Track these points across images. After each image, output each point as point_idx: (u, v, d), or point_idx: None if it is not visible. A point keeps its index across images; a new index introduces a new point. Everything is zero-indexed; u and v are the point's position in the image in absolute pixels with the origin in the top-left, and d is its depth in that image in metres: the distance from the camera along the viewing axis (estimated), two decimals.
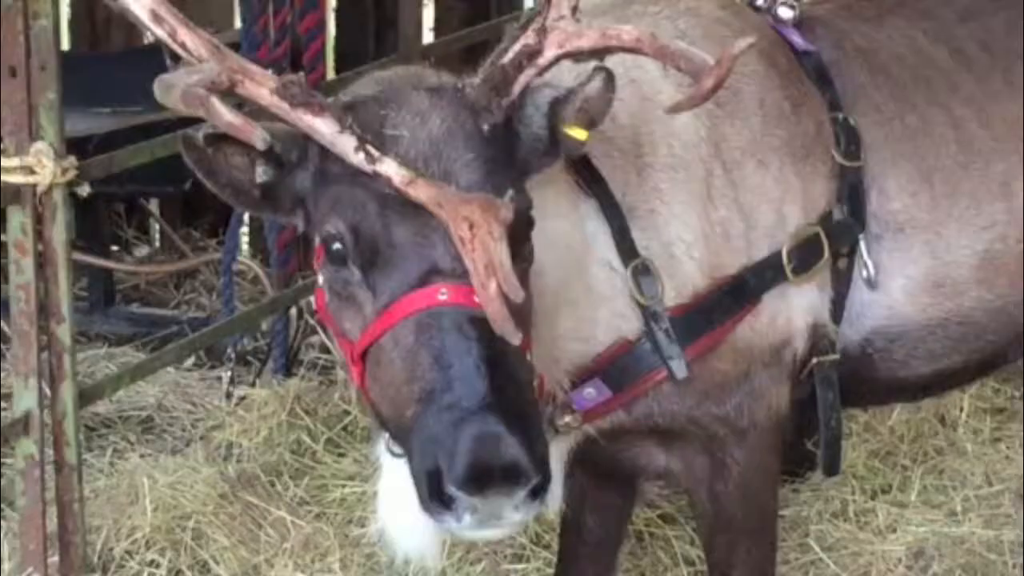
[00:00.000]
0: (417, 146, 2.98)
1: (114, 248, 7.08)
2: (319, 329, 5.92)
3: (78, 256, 5.54)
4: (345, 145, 2.95)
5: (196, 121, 2.96)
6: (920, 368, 3.78)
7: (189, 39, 3.03)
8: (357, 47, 6.95)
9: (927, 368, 3.79)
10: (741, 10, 3.77)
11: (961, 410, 5.65)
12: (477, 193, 2.90)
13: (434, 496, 2.85)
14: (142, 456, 5.44)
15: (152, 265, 7.09)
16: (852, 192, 3.63)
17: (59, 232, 4.21)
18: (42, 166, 4.11)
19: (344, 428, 5.57)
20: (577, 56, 3.10)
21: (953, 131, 3.76)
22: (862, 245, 3.64)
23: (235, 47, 6.01)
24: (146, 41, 7.38)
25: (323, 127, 2.96)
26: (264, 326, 6.06)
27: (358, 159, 2.94)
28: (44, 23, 4.09)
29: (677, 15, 3.58)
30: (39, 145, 4.11)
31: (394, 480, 3.21)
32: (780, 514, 4.80)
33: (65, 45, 7.43)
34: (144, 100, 6.23)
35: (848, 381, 3.68)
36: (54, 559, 4.34)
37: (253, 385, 5.82)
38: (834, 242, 3.61)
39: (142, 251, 7.40)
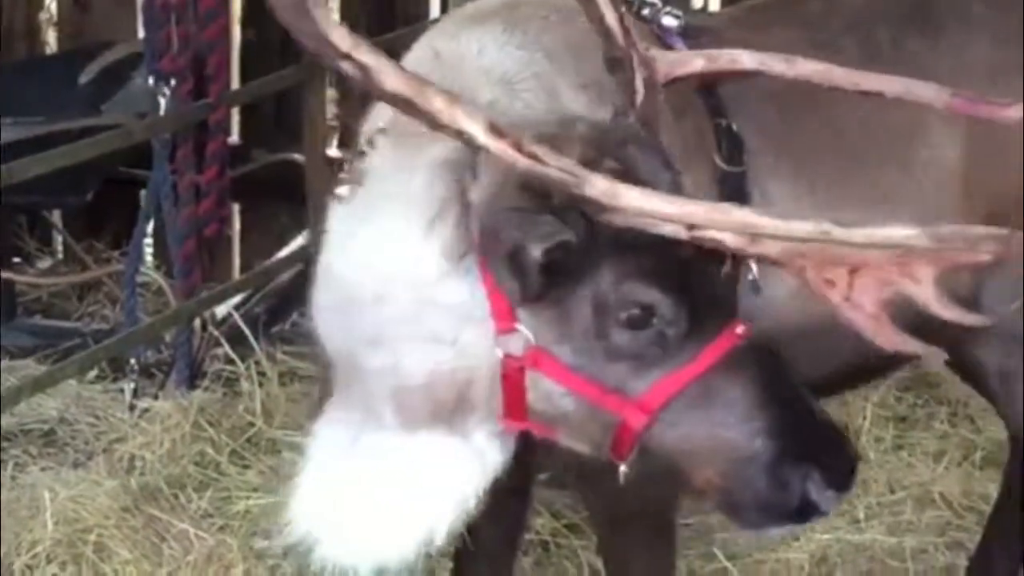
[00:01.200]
0: None
1: (16, 260, 7.00)
2: (223, 341, 5.88)
3: None
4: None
5: (100, 130, 2.88)
6: (808, 371, 3.80)
7: (542, 151, 2.88)
8: (264, 55, 6.91)
9: (815, 371, 3.80)
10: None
11: (864, 418, 5.70)
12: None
13: (805, 507, 3.08)
14: (43, 469, 5.38)
15: (54, 276, 7.01)
16: (735, 197, 3.62)
17: None
18: None
19: (248, 440, 5.54)
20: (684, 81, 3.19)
21: (836, 139, 3.80)
22: None
23: (138, 57, 6.09)
24: (48, 51, 7.34)
25: (749, 216, 2.90)
26: (168, 338, 6.01)
27: (674, 228, 2.92)
28: None
29: (569, 19, 3.53)
30: None
31: (358, 488, 3.25)
32: (685, 523, 4.85)
33: None
34: (46, 110, 6.28)
35: None
36: None
37: (156, 397, 5.75)
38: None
39: (44, 263, 7.32)
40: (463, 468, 3.27)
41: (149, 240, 6.89)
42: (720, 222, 2.86)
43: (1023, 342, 4.03)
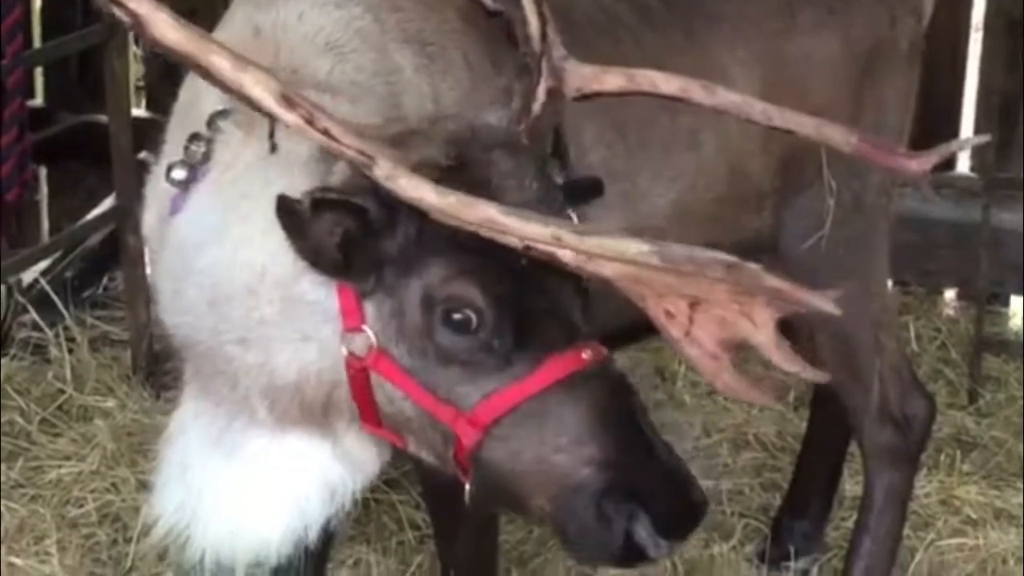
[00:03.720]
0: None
1: None
2: (30, 307, 5.75)
3: None
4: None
5: None
6: (614, 320, 3.84)
7: (333, 126, 2.81)
8: (63, 16, 6.75)
9: (630, 316, 3.84)
10: None
11: (679, 363, 5.75)
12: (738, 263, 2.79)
13: (630, 550, 2.92)
14: None
15: None
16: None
17: None
18: None
19: (59, 408, 5.44)
20: (596, 98, 3.09)
21: None
22: None
23: None
24: None
25: (491, 211, 2.78)
26: None
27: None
28: None
29: None
30: None
31: (230, 474, 3.22)
32: None
33: None
34: None
35: None
36: None
37: None
38: (571, 203, 3.61)
39: None
40: (334, 472, 3.22)
41: None
42: (465, 215, 2.77)
43: (819, 278, 4.10)
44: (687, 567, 4.65)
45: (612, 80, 3.07)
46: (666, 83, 3.05)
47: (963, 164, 6.43)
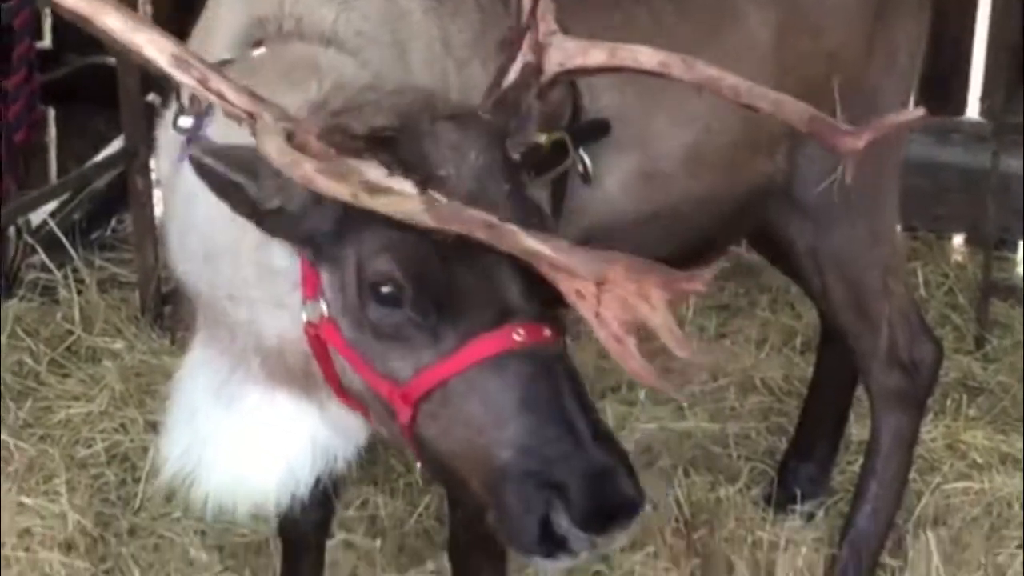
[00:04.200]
0: (463, 183, 2.86)
1: None
2: (39, 249, 5.76)
3: None
4: (402, 190, 2.76)
5: None
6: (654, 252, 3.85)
7: (226, 88, 2.79)
8: None
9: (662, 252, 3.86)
10: None
11: (687, 308, 5.76)
12: (632, 259, 2.72)
13: (546, 539, 2.81)
14: None
15: None
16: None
17: None
18: None
19: (68, 348, 5.45)
20: (581, 75, 3.05)
21: (654, 25, 3.78)
22: None
23: None
24: None
25: (370, 172, 2.76)
26: None
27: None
28: None
29: None
30: None
31: (232, 424, 3.23)
32: None
33: None
34: None
35: None
36: None
37: None
38: (579, 144, 3.60)
39: None
40: (322, 435, 3.23)
41: None
42: (290, 169, 2.75)
43: (830, 222, 4.11)
44: (694, 510, 4.67)
45: (595, 55, 3.03)
46: (647, 58, 3.02)
47: (972, 109, 6.41)
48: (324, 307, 2.97)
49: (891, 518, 4.45)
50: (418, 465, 3.03)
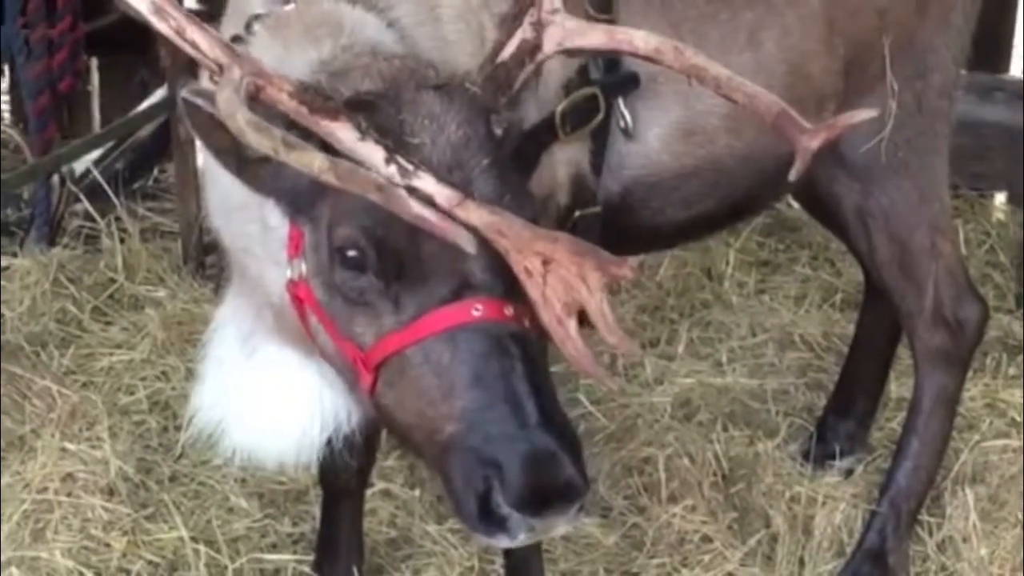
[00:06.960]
0: (437, 154, 2.87)
1: None
2: (82, 197, 5.78)
3: None
4: (371, 155, 2.79)
5: None
6: (676, 215, 3.83)
7: (201, 38, 2.82)
8: None
9: (683, 214, 3.84)
10: None
11: (727, 264, 5.77)
12: (573, 240, 2.76)
13: (484, 516, 2.81)
14: None
15: None
16: None
17: None
18: None
19: (111, 296, 5.50)
20: (577, 54, 3.06)
21: None
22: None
23: None
24: None
25: (342, 133, 2.80)
26: (26, 195, 5.91)
27: (388, 171, 2.79)
28: None
29: None
30: None
31: (258, 377, 3.27)
32: (551, 370, 4.87)
33: None
34: None
35: (609, 231, 3.70)
36: None
37: (15, 255, 5.66)
38: (610, 98, 3.61)
39: None
40: (327, 396, 3.26)
41: (6, 97, 6.76)
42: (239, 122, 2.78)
43: (878, 180, 4.09)
44: (732, 464, 4.67)
45: (594, 37, 3.04)
46: (642, 43, 3.03)
47: (1016, 67, 6.38)
48: (303, 267, 3.00)
49: (932, 476, 4.45)
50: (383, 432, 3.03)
